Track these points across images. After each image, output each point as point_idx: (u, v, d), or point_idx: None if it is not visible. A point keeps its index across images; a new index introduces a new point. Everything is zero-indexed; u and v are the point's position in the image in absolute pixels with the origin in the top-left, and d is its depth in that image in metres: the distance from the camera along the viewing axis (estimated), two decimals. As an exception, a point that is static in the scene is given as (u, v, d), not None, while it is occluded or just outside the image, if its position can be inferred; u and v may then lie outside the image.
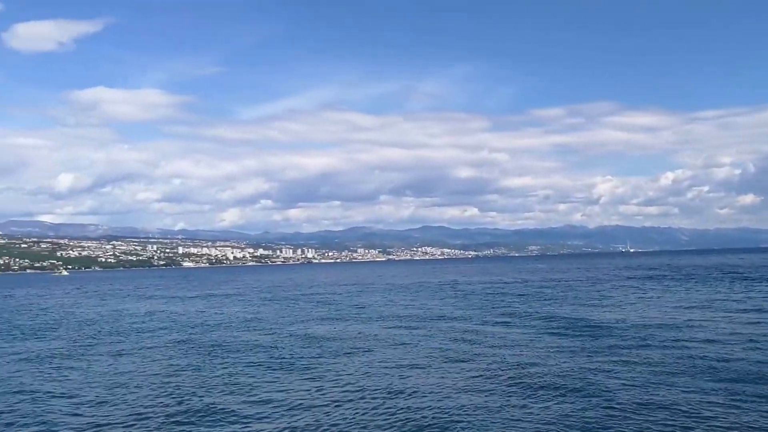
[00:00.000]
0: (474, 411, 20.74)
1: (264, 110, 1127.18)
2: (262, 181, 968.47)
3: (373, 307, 61.27)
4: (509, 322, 43.87)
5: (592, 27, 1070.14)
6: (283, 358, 32.25)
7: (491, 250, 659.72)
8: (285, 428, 19.87)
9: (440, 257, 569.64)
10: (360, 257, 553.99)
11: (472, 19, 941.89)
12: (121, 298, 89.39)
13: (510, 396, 22.61)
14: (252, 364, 30.56)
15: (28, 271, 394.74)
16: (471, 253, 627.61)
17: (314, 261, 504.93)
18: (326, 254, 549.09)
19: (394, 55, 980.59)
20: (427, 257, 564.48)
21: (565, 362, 28.21)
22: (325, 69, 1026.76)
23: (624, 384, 23.64)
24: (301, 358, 32.05)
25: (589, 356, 29.43)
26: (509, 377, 25.56)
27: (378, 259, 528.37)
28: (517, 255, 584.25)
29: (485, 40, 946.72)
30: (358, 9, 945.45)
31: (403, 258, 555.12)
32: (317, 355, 32.63)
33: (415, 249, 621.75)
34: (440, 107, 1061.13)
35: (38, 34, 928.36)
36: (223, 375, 28.27)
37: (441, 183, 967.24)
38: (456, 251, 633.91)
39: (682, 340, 32.94)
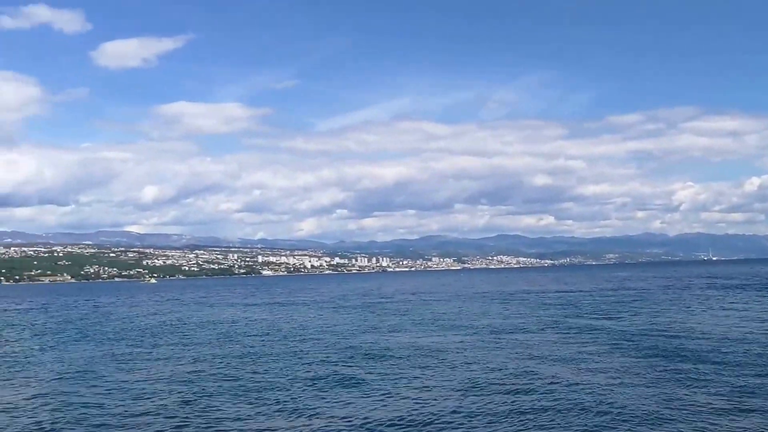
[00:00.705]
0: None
1: (340, 122, 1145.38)
2: (338, 191, 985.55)
3: (448, 316, 62.24)
4: (588, 335, 43.16)
5: (670, 29, 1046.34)
6: (364, 367, 33.00)
7: (567, 259, 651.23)
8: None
9: (516, 266, 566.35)
10: (435, 266, 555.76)
11: (546, 26, 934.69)
12: (210, 306, 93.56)
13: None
14: (330, 373, 31.45)
15: (116, 279, 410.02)
16: (547, 261, 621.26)
17: (389, 269, 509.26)
18: (401, 263, 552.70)
19: (467, 64, 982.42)
20: (502, 266, 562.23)
21: (648, 386, 26.49)
22: (400, 80, 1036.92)
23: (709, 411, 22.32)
24: (382, 367, 32.85)
25: (671, 378, 27.95)
26: (585, 405, 23.74)
27: (453, 268, 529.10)
28: (594, 263, 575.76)
29: (560, 47, 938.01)
30: (431, 20, 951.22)
31: (478, 266, 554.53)
32: (394, 365, 33.25)
33: (490, 257, 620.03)
34: (515, 115, 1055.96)
35: (124, 52, 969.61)
36: (303, 381, 29.73)
37: (516, 191, 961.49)
38: (532, 260, 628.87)
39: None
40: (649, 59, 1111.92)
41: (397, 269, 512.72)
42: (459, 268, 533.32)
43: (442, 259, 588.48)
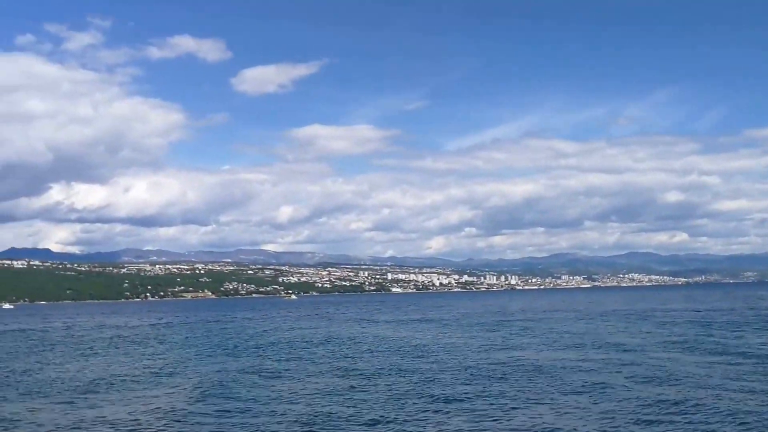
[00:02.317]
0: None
1: (469, 141, 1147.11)
2: (467, 209, 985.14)
3: (578, 335, 62.60)
4: (728, 356, 41.92)
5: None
6: (490, 386, 33.45)
7: (702, 277, 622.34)
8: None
9: (648, 284, 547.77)
10: (564, 284, 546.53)
11: (678, 40, 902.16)
12: (352, 322, 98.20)
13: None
14: (460, 392, 31.79)
15: (254, 295, 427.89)
16: (681, 279, 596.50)
17: (517, 287, 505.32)
18: (530, 281, 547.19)
19: (597, 80, 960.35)
20: (634, 284, 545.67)
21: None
22: (529, 98, 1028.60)
23: None
24: (508, 386, 33.28)
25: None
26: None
27: (582, 286, 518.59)
28: (731, 281, 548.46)
29: (691, 61, 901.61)
30: (560, 38, 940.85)
31: (608, 285, 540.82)
32: (521, 384, 33.60)
33: (621, 275, 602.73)
34: (646, 131, 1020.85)
35: (261, 78, 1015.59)
36: (439, 399, 30.42)
37: (647, 208, 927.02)
38: (665, 278, 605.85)
39: None
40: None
41: (526, 287, 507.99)
42: (589, 286, 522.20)
43: (571, 277, 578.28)
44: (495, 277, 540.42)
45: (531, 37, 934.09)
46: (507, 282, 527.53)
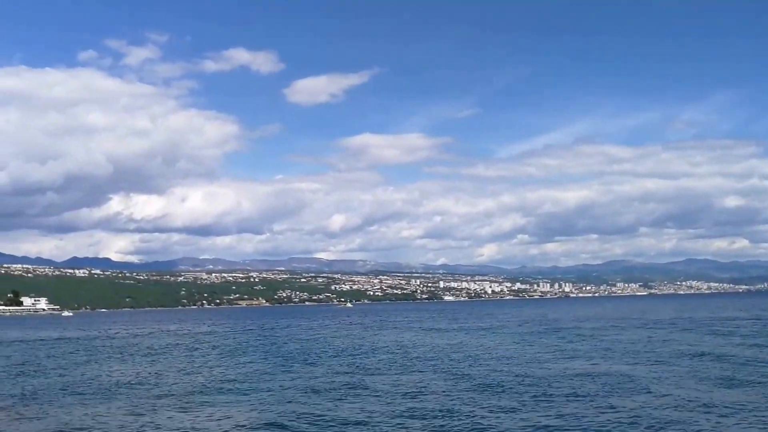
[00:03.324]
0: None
1: (520, 147, 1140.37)
2: (519, 217, 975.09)
3: (637, 344, 61.26)
4: None
5: None
6: (551, 396, 33.06)
7: (765, 284, 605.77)
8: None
9: (707, 291, 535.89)
10: (619, 291, 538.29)
11: (735, 41, 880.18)
12: (414, 330, 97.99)
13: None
14: (521, 405, 31.32)
15: (307, 303, 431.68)
16: (742, 287, 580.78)
17: (571, 295, 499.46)
18: (584, 288, 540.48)
19: (652, 84, 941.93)
20: (692, 291, 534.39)
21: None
22: (581, 103, 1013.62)
23: None
24: (567, 397, 32.57)
25: None
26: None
27: (638, 294, 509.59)
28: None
29: (751, 62, 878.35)
30: (613, 42, 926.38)
31: (665, 292, 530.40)
32: (580, 396, 32.83)
33: (678, 283, 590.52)
34: (703, 135, 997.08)
35: (313, 89, 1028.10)
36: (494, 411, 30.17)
37: (705, 214, 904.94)
38: (725, 285, 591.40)
39: None
40: None
41: (580, 295, 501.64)
42: (645, 293, 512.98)
43: (626, 285, 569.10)
44: (548, 285, 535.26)
45: (582, 42, 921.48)
46: (561, 289, 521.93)
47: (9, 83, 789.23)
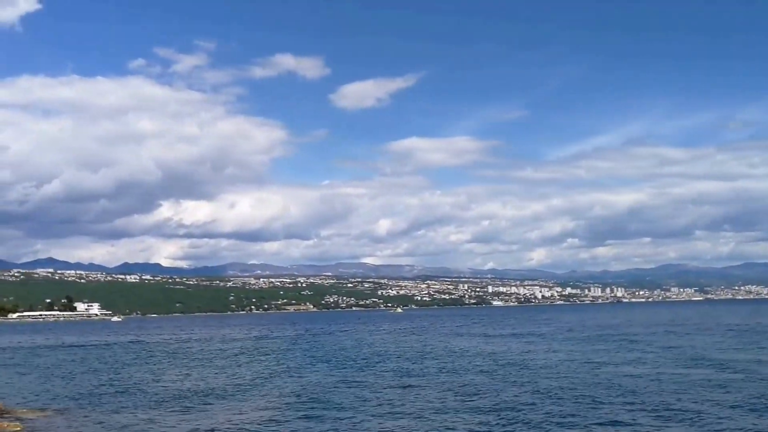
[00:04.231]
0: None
1: (570, 150, 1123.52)
2: (569, 220, 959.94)
3: (697, 349, 59.50)
4: None
5: None
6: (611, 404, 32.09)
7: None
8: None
9: (767, 296, 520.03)
10: (674, 296, 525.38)
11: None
12: (464, 336, 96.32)
13: None
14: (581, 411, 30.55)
15: (354, 308, 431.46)
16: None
17: (624, 300, 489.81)
18: (636, 293, 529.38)
19: (707, 84, 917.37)
20: (751, 296, 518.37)
21: None
22: (633, 105, 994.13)
23: None
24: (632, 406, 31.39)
25: None
26: None
27: (694, 299, 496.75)
28: None
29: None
30: (667, 41, 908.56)
31: (722, 297, 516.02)
32: (643, 404, 31.68)
33: (736, 288, 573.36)
34: (761, 135, 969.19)
35: (360, 93, 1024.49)
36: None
37: (765, 216, 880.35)
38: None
39: None
40: None
41: (633, 300, 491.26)
42: (701, 299, 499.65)
43: (681, 290, 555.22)
44: (600, 290, 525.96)
45: (634, 42, 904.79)
46: (612, 294, 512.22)
47: (62, 93, 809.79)
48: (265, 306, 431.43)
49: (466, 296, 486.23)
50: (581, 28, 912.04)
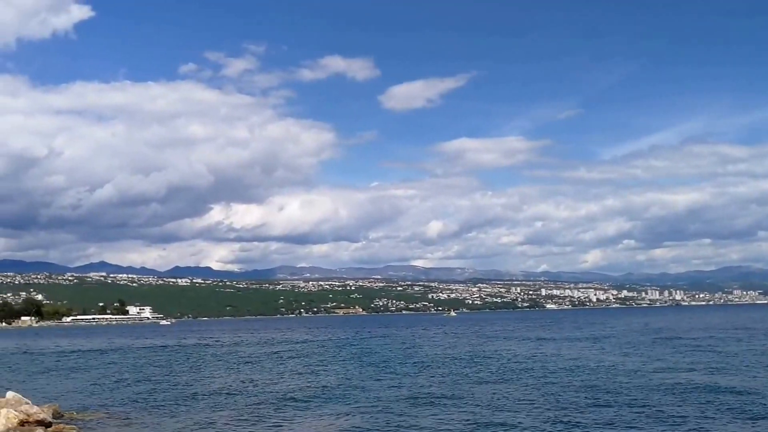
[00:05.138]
0: None
1: (625, 148, 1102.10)
2: (625, 221, 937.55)
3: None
4: None
5: None
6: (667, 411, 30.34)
7: None
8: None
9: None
10: (736, 299, 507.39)
11: None
12: (518, 340, 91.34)
13: None
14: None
15: (404, 312, 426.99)
16: None
17: (683, 303, 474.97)
18: (696, 296, 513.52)
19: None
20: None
21: None
22: (691, 102, 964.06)
23: None
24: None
25: None
26: None
27: (759, 302, 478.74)
28: None
29: None
30: (725, 35, 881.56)
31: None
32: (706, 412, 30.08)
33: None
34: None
35: (409, 94, 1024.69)
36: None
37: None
38: None
39: None
40: None
41: (693, 303, 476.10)
42: (766, 302, 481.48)
43: (744, 292, 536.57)
44: (657, 293, 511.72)
45: (692, 35, 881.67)
46: (671, 297, 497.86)
47: (115, 98, 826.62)
48: (315, 309, 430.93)
49: (519, 299, 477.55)
50: (636, 21, 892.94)
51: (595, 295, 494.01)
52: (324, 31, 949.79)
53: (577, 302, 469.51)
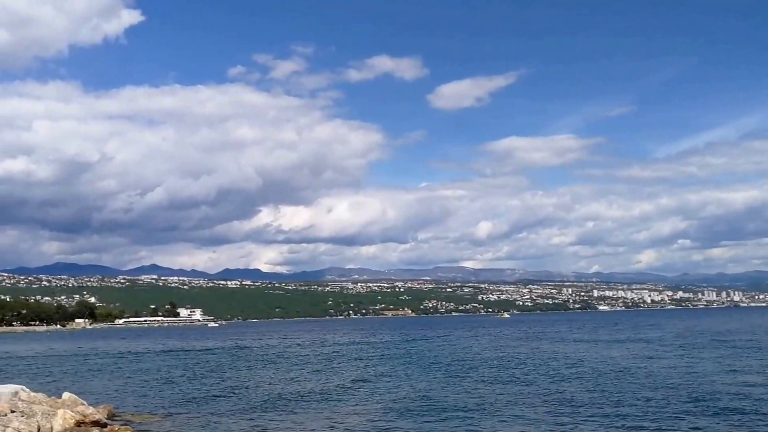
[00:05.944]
0: None
1: (680, 146, 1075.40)
2: (680, 220, 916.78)
3: None
4: None
5: None
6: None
7: None
8: None
9: None
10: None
11: None
12: (571, 342, 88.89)
13: None
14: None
15: (453, 313, 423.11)
16: None
17: (742, 305, 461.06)
18: (756, 297, 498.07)
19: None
20: None
21: None
22: (750, 96, 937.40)
23: None
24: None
25: None
26: None
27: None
28: None
29: None
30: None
31: None
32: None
33: None
34: None
35: (458, 93, 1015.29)
36: None
37: None
38: None
39: None
40: None
41: (752, 304, 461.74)
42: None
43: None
44: (714, 294, 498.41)
45: (749, 28, 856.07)
46: (729, 298, 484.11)
47: (165, 102, 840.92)
48: (363, 311, 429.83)
49: (570, 301, 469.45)
50: (690, 14, 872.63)
51: (650, 296, 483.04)
52: (371, 31, 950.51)
53: (630, 303, 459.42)
